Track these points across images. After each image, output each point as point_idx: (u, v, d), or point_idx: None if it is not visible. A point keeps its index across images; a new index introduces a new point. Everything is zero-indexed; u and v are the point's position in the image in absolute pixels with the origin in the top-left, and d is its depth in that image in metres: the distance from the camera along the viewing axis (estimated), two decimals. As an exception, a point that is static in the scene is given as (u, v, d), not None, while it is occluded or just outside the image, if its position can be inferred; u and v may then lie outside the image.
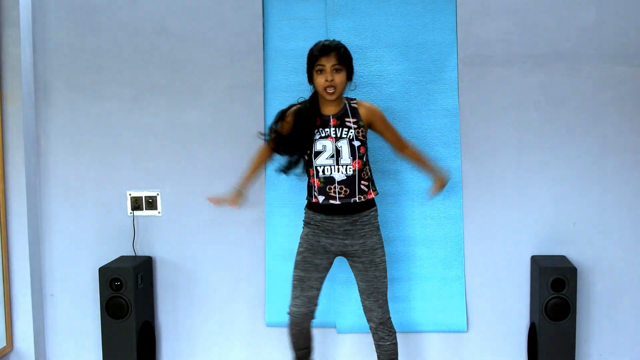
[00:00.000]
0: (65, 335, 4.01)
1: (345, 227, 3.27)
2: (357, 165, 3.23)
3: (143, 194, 3.92)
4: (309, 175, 3.32)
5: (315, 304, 3.34)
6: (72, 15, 3.89)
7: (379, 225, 3.36)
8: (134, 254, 3.93)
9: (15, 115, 3.77)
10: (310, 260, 3.31)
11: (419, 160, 3.53)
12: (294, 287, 3.33)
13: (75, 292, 3.98)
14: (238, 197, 3.44)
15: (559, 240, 3.79)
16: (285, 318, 3.85)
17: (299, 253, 3.34)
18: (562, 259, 3.72)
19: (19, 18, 3.74)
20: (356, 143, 3.23)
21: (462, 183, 3.81)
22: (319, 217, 3.30)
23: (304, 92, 3.82)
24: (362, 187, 3.26)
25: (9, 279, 3.83)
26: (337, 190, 3.24)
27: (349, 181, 3.23)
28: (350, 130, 3.23)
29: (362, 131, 3.26)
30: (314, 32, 3.83)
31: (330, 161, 3.23)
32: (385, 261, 3.33)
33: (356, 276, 3.35)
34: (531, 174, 3.79)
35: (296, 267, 3.34)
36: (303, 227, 3.38)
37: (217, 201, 3.45)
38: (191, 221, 3.92)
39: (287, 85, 3.84)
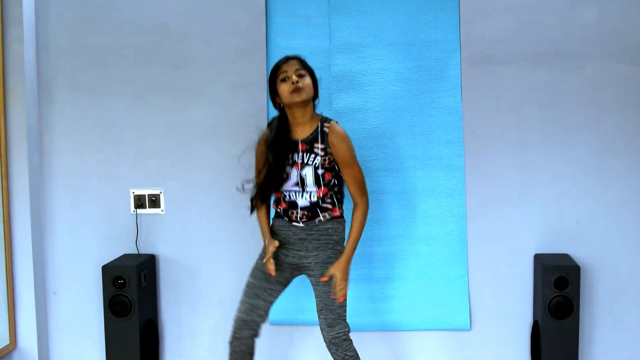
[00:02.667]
0: (69, 333, 4.01)
1: (300, 236, 3.16)
2: (321, 193, 3.12)
3: (146, 192, 3.92)
4: (275, 199, 3.24)
5: (260, 315, 3.18)
6: (74, 14, 3.89)
7: (340, 240, 3.19)
8: (137, 252, 3.94)
9: (18, 113, 3.77)
10: (262, 269, 3.19)
11: (351, 229, 3.17)
12: (242, 293, 3.21)
13: (78, 290, 3.98)
14: (273, 247, 3.14)
15: (562, 239, 3.79)
16: (289, 315, 3.87)
17: (256, 262, 3.25)
18: (565, 257, 3.72)
19: (22, 16, 3.74)
20: (320, 171, 3.10)
21: (465, 181, 3.81)
22: (280, 224, 3.20)
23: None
24: (325, 205, 3.14)
25: (12, 277, 3.83)
26: (298, 215, 3.14)
27: (311, 207, 3.14)
28: (317, 158, 3.10)
29: (329, 158, 3.11)
30: (317, 30, 3.83)
31: (296, 188, 3.14)
32: None
33: (313, 291, 3.20)
34: (534, 172, 3.78)
35: (249, 275, 3.24)
36: None
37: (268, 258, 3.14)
38: (194, 219, 3.92)
39: (290, 84, 3.84)
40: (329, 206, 3.17)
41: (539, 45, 3.74)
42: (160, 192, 3.92)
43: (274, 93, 3.17)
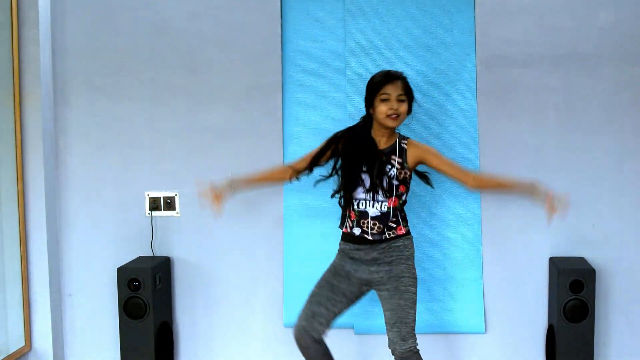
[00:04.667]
0: (84, 335, 4.03)
1: (373, 255, 3.19)
2: (392, 203, 3.16)
3: (161, 194, 3.93)
4: (345, 205, 3.24)
5: (320, 323, 3.18)
6: (91, 16, 3.90)
7: (411, 256, 3.23)
8: (152, 255, 3.95)
9: (34, 115, 3.78)
10: (328, 279, 3.23)
11: (496, 183, 3.39)
12: (305, 302, 3.23)
13: (93, 292, 4.00)
14: (225, 190, 3.27)
15: (577, 242, 3.78)
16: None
17: (323, 274, 3.27)
18: (581, 260, 3.71)
19: (38, 19, 3.75)
20: (395, 182, 3.15)
21: (480, 184, 3.81)
22: (348, 246, 3.23)
23: (322, 93, 3.84)
24: (391, 224, 3.18)
25: (27, 279, 3.84)
26: (369, 225, 3.16)
27: (382, 217, 3.16)
28: (393, 169, 3.15)
29: (404, 172, 3.18)
30: (332, 32, 3.83)
31: (366, 196, 3.16)
32: (413, 292, 3.15)
33: (383, 306, 3.20)
34: (550, 175, 3.76)
35: (315, 285, 3.26)
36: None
37: (205, 193, 3.26)
38: (209, 222, 3.91)
39: (306, 86, 3.85)
40: (394, 225, 3.19)
41: (555, 47, 3.73)
42: (176, 195, 3.92)
43: (369, 102, 3.21)
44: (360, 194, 3.18)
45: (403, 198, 3.21)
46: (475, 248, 3.82)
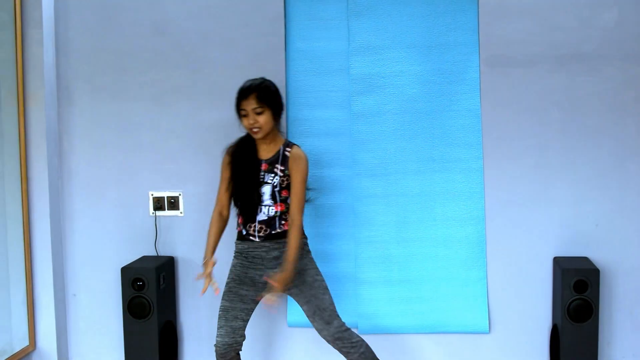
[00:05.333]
0: (88, 335, 4.03)
1: (273, 254, 3.25)
2: (279, 208, 3.22)
3: (165, 194, 3.93)
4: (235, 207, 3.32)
5: (241, 335, 3.26)
6: (94, 16, 3.90)
7: (309, 250, 3.33)
8: (156, 254, 3.95)
9: (37, 115, 3.79)
10: (235, 291, 3.26)
11: (289, 246, 3.20)
12: (219, 317, 3.26)
13: (97, 292, 4.00)
14: (211, 266, 3.24)
15: (581, 242, 3.78)
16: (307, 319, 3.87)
17: (226, 284, 3.30)
18: (585, 260, 3.71)
19: (42, 18, 3.76)
20: (277, 189, 3.21)
21: (484, 184, 3.80)
22: (246, 245, 3.27)
23: (326, 93, 3.85)
24: (282, 223, 3.24)
25: (31, 279, 3.84)
26: (256, 229, 3.22)
27: (269, 221, 3.23)
28: (276, 177, 3.21)
29: (287, 179, 3.23)
30: (336, 32, 3.83)
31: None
32: (319, 279, 3.28)
33: (298, 302, 3.30)
34: (553, 175, 3.77)
35: (222, 297, 3.28)
36: (233, 259, 3.35)
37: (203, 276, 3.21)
38: (213, 221, 3.92)
39: (309, 86, 3.85)
40: (284, 221, 3.25)
41: (558, 47, 3.73)
42: (180, 194, 3.93)
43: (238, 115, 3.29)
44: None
45: (288, 202, 3.24)
46: (479, 248, 3.82)
